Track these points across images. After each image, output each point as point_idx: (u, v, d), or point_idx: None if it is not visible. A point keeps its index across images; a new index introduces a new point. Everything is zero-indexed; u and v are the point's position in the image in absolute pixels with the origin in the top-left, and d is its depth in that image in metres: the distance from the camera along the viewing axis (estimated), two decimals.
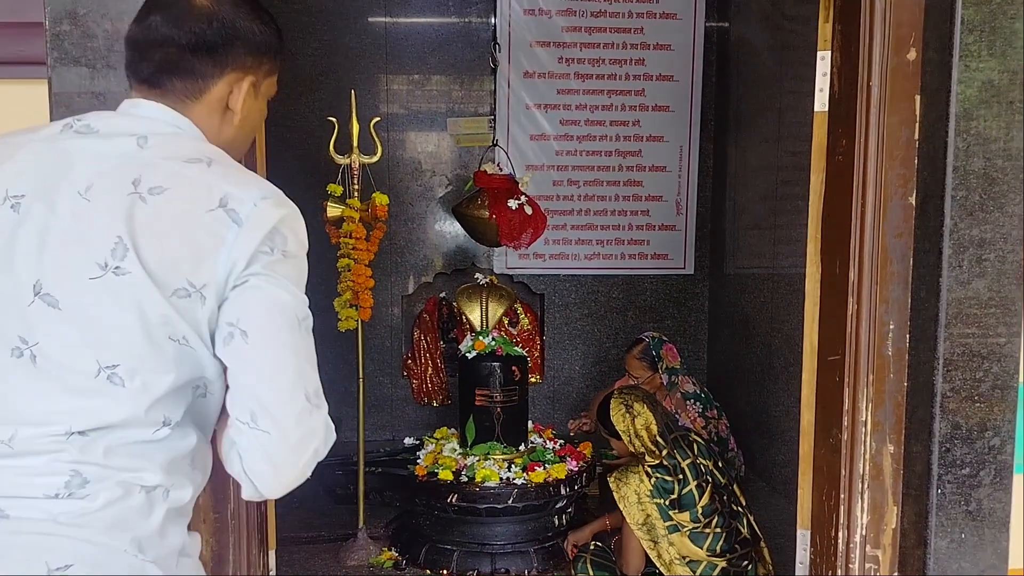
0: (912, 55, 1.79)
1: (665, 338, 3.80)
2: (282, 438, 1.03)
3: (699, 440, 2.88)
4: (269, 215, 1.04)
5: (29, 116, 1.49)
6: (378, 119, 3.22)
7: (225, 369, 1.07)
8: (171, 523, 1.07)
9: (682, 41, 4.39)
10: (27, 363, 1.02)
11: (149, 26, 1.11)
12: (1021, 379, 1.81)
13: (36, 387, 1.02)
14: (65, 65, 1.48)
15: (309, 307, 1.09)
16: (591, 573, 2.80)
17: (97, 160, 1.04)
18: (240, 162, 1.20)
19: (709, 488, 2.74)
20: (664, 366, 3.68)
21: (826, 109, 1.97)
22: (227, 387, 1.08)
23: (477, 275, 3.58)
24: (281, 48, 1.22)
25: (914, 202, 1.82)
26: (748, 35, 4.21)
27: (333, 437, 1.10)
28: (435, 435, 3.52)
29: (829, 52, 1.95)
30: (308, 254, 1.11)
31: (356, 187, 3.09)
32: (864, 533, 1.92)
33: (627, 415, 2.82)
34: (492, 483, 3.04)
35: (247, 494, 1.08)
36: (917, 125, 1.80)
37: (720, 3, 4.43)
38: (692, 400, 3.67)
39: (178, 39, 1.10)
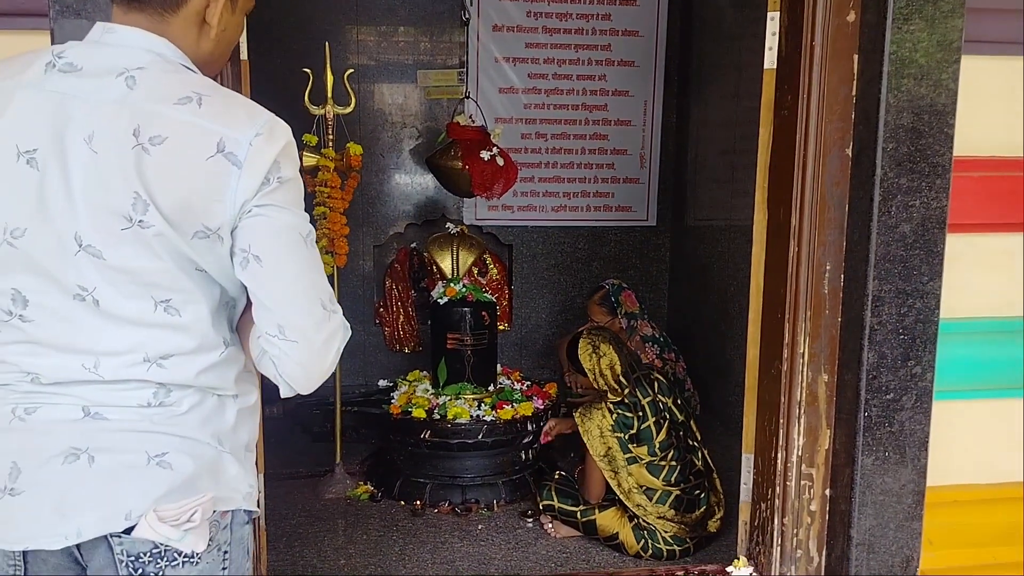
0: (852, 17, 1.95)
1: (624, 285, 3.98)
2: (308, 345, 1.15)
3: (660, 379, 3.07)
4: (266, 153, 1.10)
5: None
6: (351, 71, 3.30)
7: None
8: (242, 422, 1.24)
9: None
10: (91, 306, 1.11)
11: None
12: (942, 314, 2.01)
13: (104, 325, 1.12)
14: (66, 17, 1.58)
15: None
16: (555, 500, 3.01)
17: (92, 106, 1.08)
18: (217, 77, 1.25)
19: (667, 424, 2.94)
20: (623, 311, 3.87)
21: (775, 67, 2.13)
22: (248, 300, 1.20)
23: (449, 224, 3.72)
24: None
25: (850, 154, 1.99)
26: None
27: (349, 333, 1.22)
28: (408, 377, 3.68)
29: (778, 13, 2.10)
30: None
31: (331, 137, 3.19)
32: (800, 454, 2.13)
33: (594, 355, 3.00)
34: (463, 420, 3.22)
35: (284, 393, 1.21)
36: (855, 83, 1.97)
37: None
38: (650, 343, 3.88)
39: None
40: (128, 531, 1.10)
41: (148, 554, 1.11)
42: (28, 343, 1.13)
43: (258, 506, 1.29)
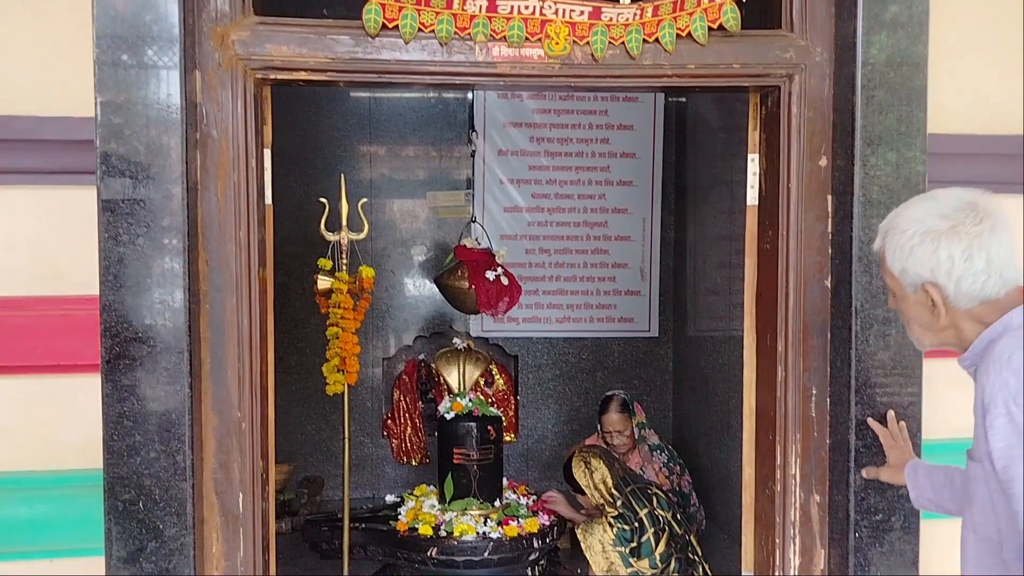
0: (823, 162, 2.12)
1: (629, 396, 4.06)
2: None
3: (659, 493, 3.14)
4: None
5: (80, 215, 1.78)
6: (365, 200, 3.51)
7: None
8: None
9: (643, 121, 4.78)
10: None
11: None
12: (923, 435, 2.10)
13: None
14: (112, 176, 1.76)
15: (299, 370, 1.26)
16: None
17: None
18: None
19: (665, 536, 2.99)
20: (637, 421, 3.94)
21: (756, 204, 2.30)
22: None
23: (455, 340, 3.85)
24: None
25: (829, 285, 2.13)
26: (704, 112, 4.58)
27: None
28: (415, 492, 3.73)
29: (757, 156, 2.29)
30: (299, 322, 1.29)
31: (344, 261, 3.36)
32: (797, 573, 2.18)
33: (587, 471, 3.09)
34: (469, 537, 3.26)
35: None
36: (829, 220, 2.12)
37: None
38: (658, 451, 3.92)
39: None
40: None
41: None
42: None
43: None
